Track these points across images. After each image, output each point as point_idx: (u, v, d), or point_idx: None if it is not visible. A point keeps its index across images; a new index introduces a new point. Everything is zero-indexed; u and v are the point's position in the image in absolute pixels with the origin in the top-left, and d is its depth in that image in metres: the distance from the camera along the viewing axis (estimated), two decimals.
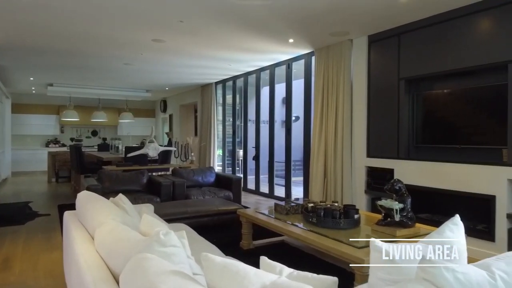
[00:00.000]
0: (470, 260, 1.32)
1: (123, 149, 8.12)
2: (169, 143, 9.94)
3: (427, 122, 4.42)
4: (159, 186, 5.14)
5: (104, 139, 13.31)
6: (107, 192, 4.95)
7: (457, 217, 1.46)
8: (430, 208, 4.37)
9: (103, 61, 6.78)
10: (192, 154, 7.39)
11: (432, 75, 4.25)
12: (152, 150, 6.45)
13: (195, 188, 5.63)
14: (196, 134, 10.78)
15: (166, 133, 12.36)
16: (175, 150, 7.59)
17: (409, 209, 2.95)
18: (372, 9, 4.03)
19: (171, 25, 4.59)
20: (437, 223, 2.42)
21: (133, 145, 9.48)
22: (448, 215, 1.57)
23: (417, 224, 3.05)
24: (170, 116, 12.63)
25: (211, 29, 4.77)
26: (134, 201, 4.70)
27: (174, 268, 1.31)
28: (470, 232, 3.73)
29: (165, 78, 8.79)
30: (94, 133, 13.45)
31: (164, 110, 13.14)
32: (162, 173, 7.09)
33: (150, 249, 1.41)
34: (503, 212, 3.52)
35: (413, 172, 4.36)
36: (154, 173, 6.65)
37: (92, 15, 4.24)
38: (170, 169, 6.47)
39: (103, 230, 1.85)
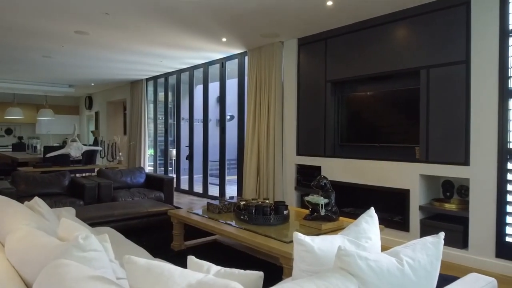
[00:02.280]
0: (384, 248, 1.44)
1: (42, 149, 7.51)
2: (95, 142, 9.39)
3: (351, 122, 4.72)
4: (83, 188, 4.82)
5: (20, 138, 12.16)
6: (23, 196, 4.54)
7: (372, 210, 1.58)
8: (354, 202, 4.67)
9: (18, 52, 6.18)
10: (120, 154, 7.05)
11: (355, 78, 4.54)
12: (75, 150, 6.04)
13: (123, 190, 5.40)
14: (125, 133, 10.31)
15: (92, 132, 11.65)
16: (101, 150, 7.18)
17: (333, 204, 3.13)
18: (300, 13, 4.19)
19: (96, 17, 4.34)
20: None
21: (54, 145, 8.80)
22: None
23: (341, 218, 3.25)
24: (96, 113, 11.92)
25: (139, 23, 4.59)
26: (54, 205, 4.39)
27: (94, 274, 1.25)
28: (388, 223, 4.07)
29: (90, 73, 8.26)
30: (8, 132, 12.21)
31: (90, 107, 12.37)
32: (87, 174, 6.69)
33: (67, 255, 1.33)
34: (416, 204, 3.89)
35: (338, 169, 4.62)
36: (77, 175, 6.25)
37: (4, 1, 3.84)
38: (96, 170, 6.11)
39: (15, 236, 1.69)
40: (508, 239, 3.28)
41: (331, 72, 4.78)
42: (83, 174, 6.65)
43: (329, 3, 3.85)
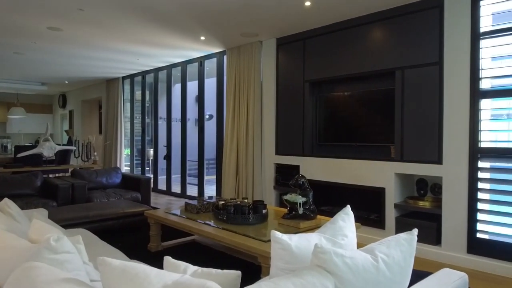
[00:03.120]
0: (360, 245, 1.46)
1: (13, 149, 7.25)
2: (69, 142, 9.15)
3: (329, 121, 4.77)
4: (56, 189, 4.69)
5: None
6: None
7: (348, 208, 1.60)
8: (331, 201, 4.73)
9: None
10: (95, 153, 6.89)
11: (333, 78, 4.60)
12: (48, 150, 5.86)
13: (98, 190, 5.29)
14: (100, 132, 10.09)
15: (66, 131, 11.35)
16: (75, 150, 7.00)
17: (311, 203, 3.16)
18: (278, 13, 4.20)
19: (70, 12, 4.22)
20: None
21: (26, 144, 8.52)
22: None
23: (319, 216, 3.28)
24: (71, 112, 11.61)
25: (115, 20, 4.50)
26: (26, 206, 4.25)
27: (67, 276, 1.22)
28: (364, 221, 4.14)
29: (64, 70, 8.03)
30: None
31: (64, 105, 12.03)
32: (60, 174, 6.51)
33: (39, 257, 1.29)
34: (391, 202, 3.97)
35: (316, 168, 4.67)
36: (50, 175, 6.08)
37: None
38: (70, 170, 5.96)
39: None
40: (479, 235, 3.40)
41: (309, 72, 4.83)
42: (57, 175, 6.47)
43: (307, 3, 3.88)
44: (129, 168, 8.81)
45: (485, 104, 3.41)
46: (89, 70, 7.93)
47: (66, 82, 9.73)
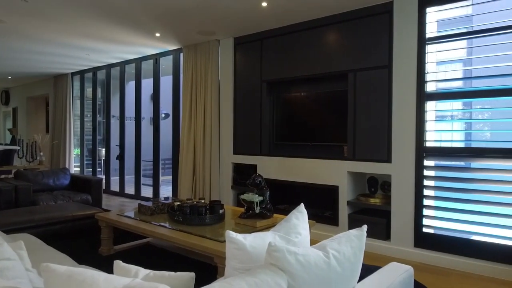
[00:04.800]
0: (314, 242, 1.49)
1: None
2: (13, 141, 8.57)
3: (286, 121, 4.84)
4: None
5: None
6: None
7: (301, 206, 1.63)
8: (288, 199, 4.80)
9: None
10: (41, 153, 6.50)
11: (289, 79, 4.67)
12: None
13: (44, 193, 4.99)
14: (47, 131, 9.54)
15: (9, 130, 10.63)
16: (19, 150, 6.56)
17: (268, 201, 3.18)
18: (236, 12, 4.19)
19: (13, 3, 3.94)
20: None
21: None
22: None
23: (276, 215, 3.31)
24: (14, 109, 10.88)
25: (63, 12, 4.26)
26: None
27: (6, 284, 1.14)
28: (319, 218, 4.24)
29: (6, 65, 7.50)
30: None
31: (6, 102, 11.26)
32: (3, 176, 6.07)
33: None
34: (344, 200, 4.10)
35: (273, 167, 4.72)
36: None
37: None
38: (13, 172, 5.58)
39: None
40: (425, 230, 3.60)
41: (266, 72, 4.86)
42: None
43: (264, 4, 3.91)
44: (79, 169, 8.41)
45: (431, 106, 3.62)
46: (35, 65, 7.46)
47: (10, 77, 9.10)
